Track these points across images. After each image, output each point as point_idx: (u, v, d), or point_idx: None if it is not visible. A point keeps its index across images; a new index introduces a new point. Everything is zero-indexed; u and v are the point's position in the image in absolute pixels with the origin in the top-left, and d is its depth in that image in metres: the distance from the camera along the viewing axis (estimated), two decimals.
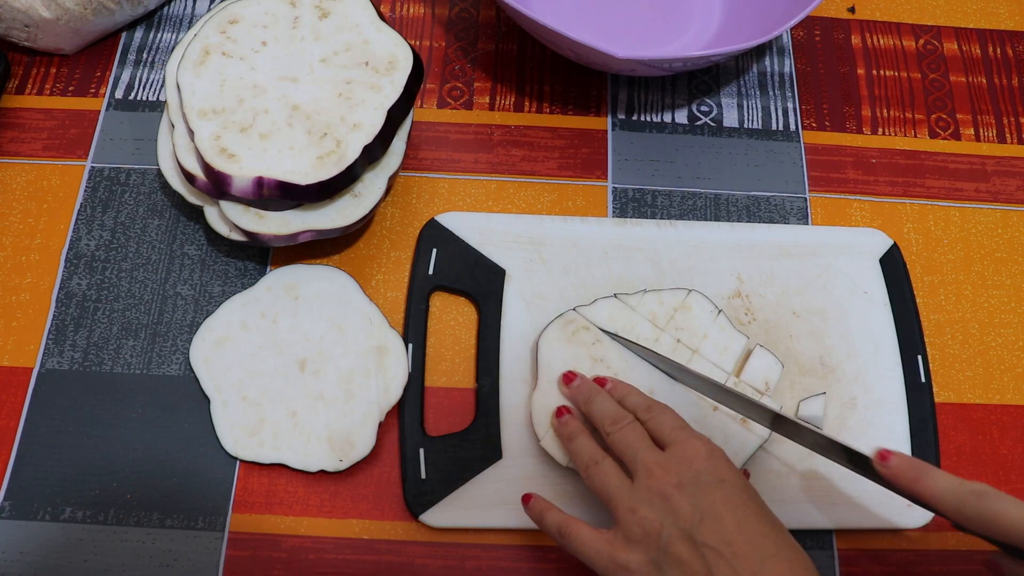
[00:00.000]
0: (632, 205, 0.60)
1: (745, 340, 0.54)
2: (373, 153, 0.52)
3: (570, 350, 0.53)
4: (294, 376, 0.52)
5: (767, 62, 0.67)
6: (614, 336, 0.53)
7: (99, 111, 0.62)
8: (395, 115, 0.52)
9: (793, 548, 0.41)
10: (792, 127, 0.64)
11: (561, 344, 0.53)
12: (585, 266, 0.57)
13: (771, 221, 0.60)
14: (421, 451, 0.51)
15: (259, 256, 0.57)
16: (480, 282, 0.56)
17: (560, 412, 0.50)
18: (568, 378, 0.51)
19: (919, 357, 0.55)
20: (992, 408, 0.56)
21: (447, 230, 0.57)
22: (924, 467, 0.42)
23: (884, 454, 0.43)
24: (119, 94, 0.62)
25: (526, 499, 0.48)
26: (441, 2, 0.68)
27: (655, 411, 0.47)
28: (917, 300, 0.58)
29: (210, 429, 0.52)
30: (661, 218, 0.60)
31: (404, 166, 0.61)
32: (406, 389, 0.52)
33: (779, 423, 0.49)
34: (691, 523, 0.41)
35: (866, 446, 0.53)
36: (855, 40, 0.68)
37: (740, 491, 0.43)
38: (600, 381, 0.51)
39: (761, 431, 0.51)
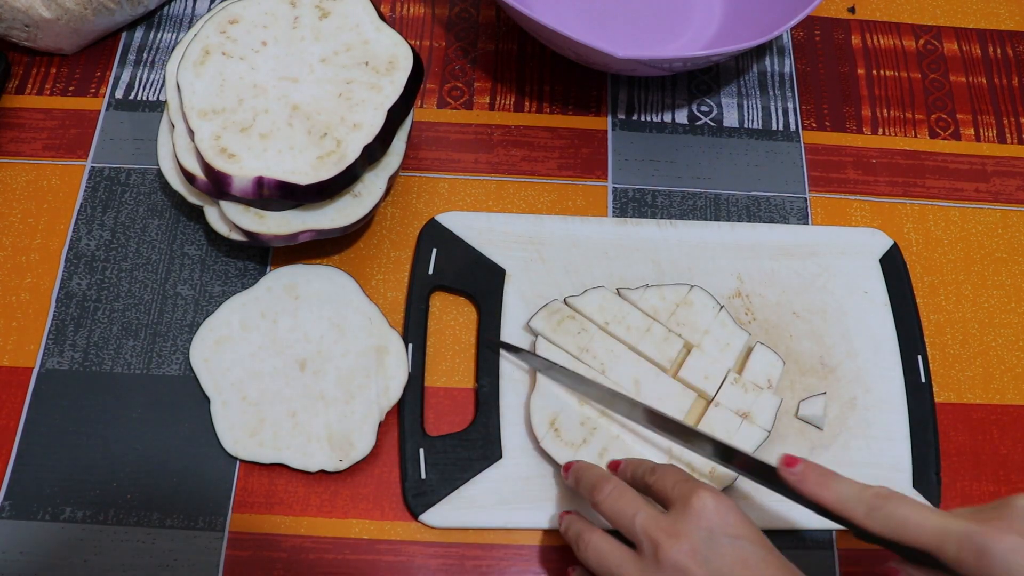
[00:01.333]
0: (632, 205, 0.60)
1: (747, 336, 0.54)
2: (373, 153, 0.52)
3: (556, 340, 0.53)
4: (294, 376, 0.52)
5: (767, 62, 0.67)
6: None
7: (99, 111, 0.62)
8: (395, 115, 0.52)
9: None
10: (792, 127, 0.64)
11: (547, 334, 0.53)
12: (585, 266, 0.57)
13: (771, 221, 0.60)
14: (421, 451, 0.51)
15: (259, 256, 0.57)
16: (480, 282, 0.56)
17: (561, 516, 0.48)
18: (565, 468, 0.48)
19: (919, 357, 0.55)
20: (992, 408, 0.56)
21: (447, 230, 0.57)
22: (830, 474, 0.41)
23: (790, 460, 0.42)
24: (119, 94, 0.62)
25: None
26: (441, 2, 0.68)
27: (659, 471, 0.45)
28: (917, 300, 0.58)
29: (210, 429, 0.52)
30: (661, 218, 0.60)
31: (404, 166, 0.61)
32: (406, 389, 0.52)
33: (667, 427, 0.47)
34: None
35: (866, 448, 0.53)
36: (855, 40, 0.68)
37: (756, 546, 0.40)
38: (612, 465, 0.48)
39: (765, 423, 0.51)
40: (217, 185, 0.50)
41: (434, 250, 0.57)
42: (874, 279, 0.58)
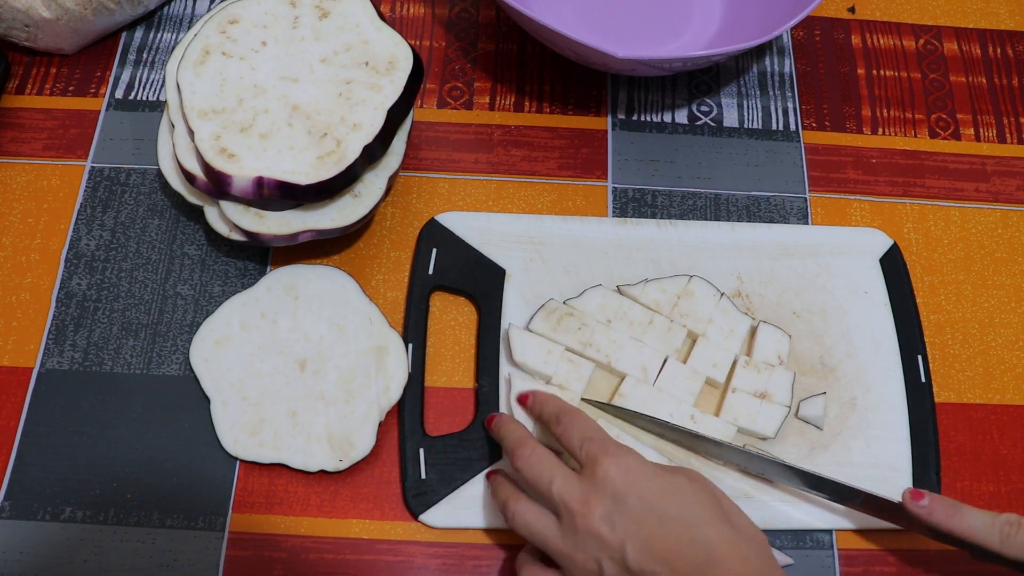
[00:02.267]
0: (632, 205, 0.60)
1: (749, 321, 0.54)
2: (373, 153, 0.52)
3: (557, 338, 0.53)
4: (294, 376, 0.52)
5: (767, 62, 0.67)
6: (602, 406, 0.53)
7: (99, 111, 0.62)
8: (395, 115, 0.52)
9: (731, 542, 0.41)
10: (792, 127, 0.64)
11: (548, 334, 0.53)
12: (585, 266, 0.57)
13: (771, 221, 0.60)
14: (421, 451, 0.51)
15: (259, 256, 0.57)
16: (480, 282, 0.56)
17: (489, 476, 0.50)
18: (488, 420, 0.50)
19: (919, 357, 0.55)
20: (992, 408, 0.56)
21: (447, 230, 0.57)
22: (958, 504, 0.45)
23: (916, 494, 0.46)
24: (119, 94, 0.62)
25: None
26: (441, 2, 0.68)
27: (563, 421, 0.46)
28: (917, 300, 0.58)
29: (210, 429, 0.52)
30: (661, 218, 0.60)
31: (404, 166, 0.61)
32: (406, 389, 0.52)
33: (790, 473, 0.50)
34: (623, 554, 0.41)
35: (866, 448, 0.53)
36: (855, 40, 0.68)
37: (660, 499, 0.42)
38: (521, 399, 0.50)
39: (783, 399, 0.52)
40: (217, 185, 0.50)
41: (434, 250, 0.57)
42: (874, 279, 0.58)
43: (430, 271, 0.56)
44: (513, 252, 0.57)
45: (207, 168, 0.50)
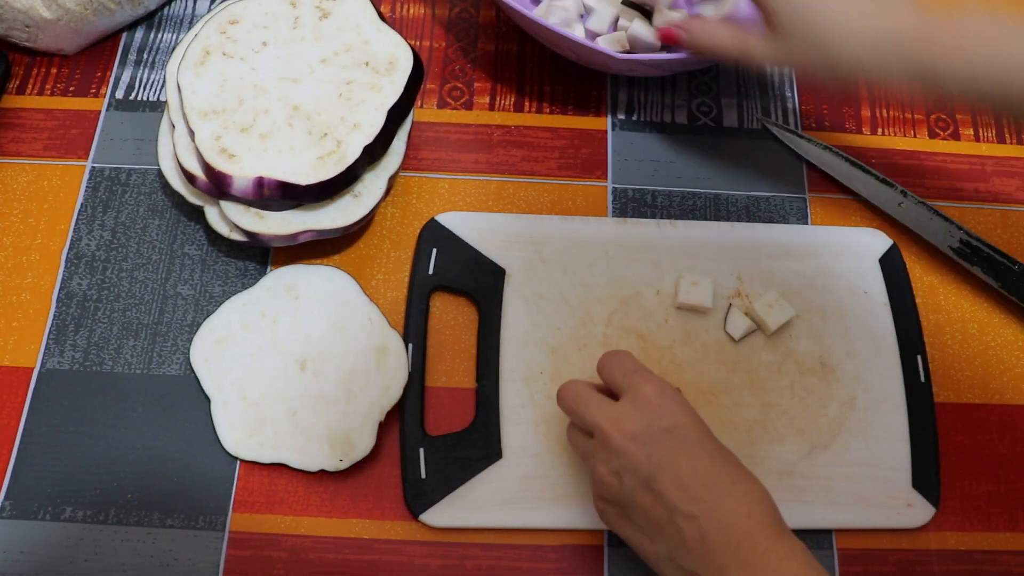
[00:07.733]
0: (632, 205, 0.60)
1: None
2: (373, 153, 0.52)
3: None
4: (294, 376, 0.52)
5: None
6: None
7: (100, 111, 0.62)
8: (395, 115, 0.52)
9: (746, 481, 0.42)
10: (792, 127, 0.64)
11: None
12: (585, 266, 0.57)
13: (771, 221, 0.60)
14: (421, 451, 0.51)
15: (259, 256, 0.57)
16: (480, 282, 0.56)
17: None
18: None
19: (919, 357, 0.56)
20: (992, 408, 0.56)
21: (447, 230, 0.58)
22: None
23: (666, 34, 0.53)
24: (120, 94, 0.62)
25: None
26: (441, 3, 0.68)
27: (609, 358, 0.47)
28: (916, 300, 0.58)
29: (210, 429, 0.52)
30: (661, 218, 0.60)
31: (404, 166, 0.61)
32: (406, 389, 0.52)
33: None
34: (648, 473, 0.42)
35: (865, 447, 0.53)
36: None
37: (691, 433, 0.43)
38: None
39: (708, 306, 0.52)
40: (217, 185, 0.50)
41: (434, 250, 0.57)
42: (874, 279, 0.58)
43: (430, 271, 0.56)
44: (513, 252, 0.57)
45: (207, 168, 0.50)
